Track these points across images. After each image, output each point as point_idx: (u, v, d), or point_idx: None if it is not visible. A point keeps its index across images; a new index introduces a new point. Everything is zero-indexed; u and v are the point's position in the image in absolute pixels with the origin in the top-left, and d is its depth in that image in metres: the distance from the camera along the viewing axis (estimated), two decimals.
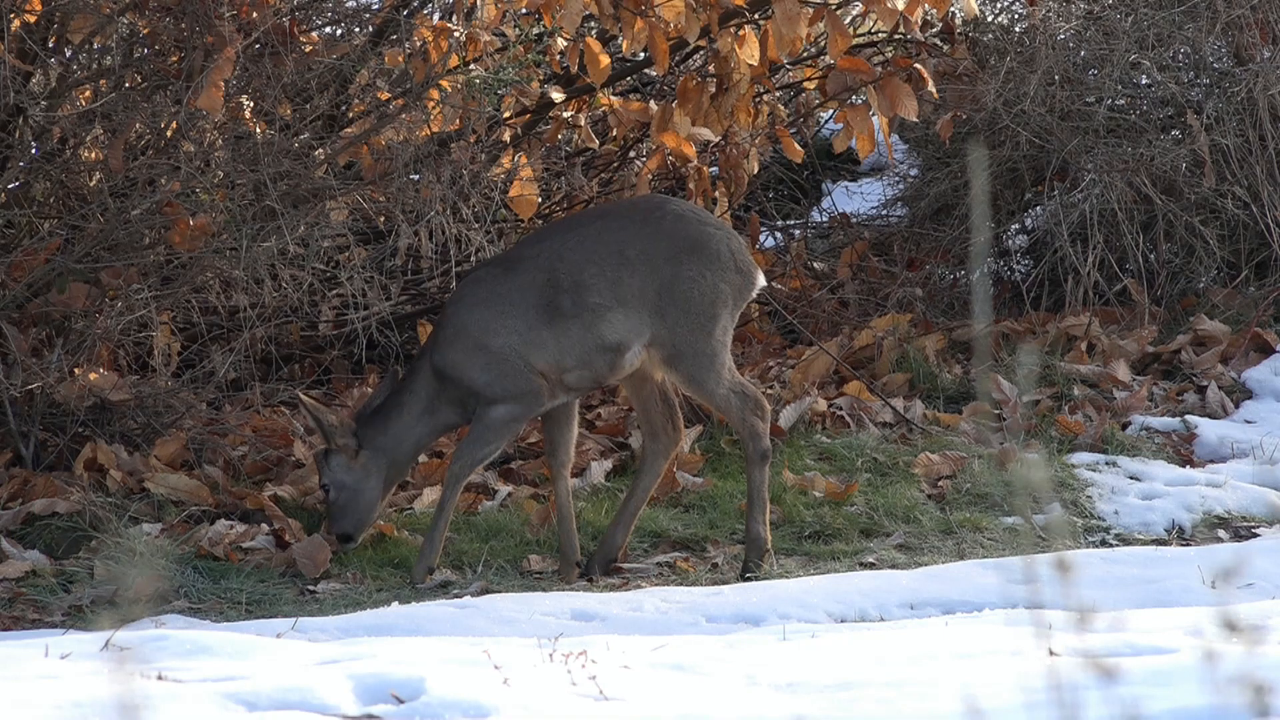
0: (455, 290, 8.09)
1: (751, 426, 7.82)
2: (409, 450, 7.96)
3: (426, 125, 8.75)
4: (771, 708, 4.90)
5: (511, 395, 7.79)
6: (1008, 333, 10.08)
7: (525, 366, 7.77)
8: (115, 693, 4.84)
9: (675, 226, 7.84)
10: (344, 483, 7.91)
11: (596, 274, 7.77)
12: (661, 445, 8.00)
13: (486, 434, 7.82)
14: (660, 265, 7.79)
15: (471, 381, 7.82)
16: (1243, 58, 10.39)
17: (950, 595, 7.34)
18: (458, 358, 7.82)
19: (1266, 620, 5.92)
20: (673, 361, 7.77)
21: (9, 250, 8.44)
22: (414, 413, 7.90)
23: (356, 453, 7.91)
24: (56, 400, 8.42)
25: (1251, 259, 10.38)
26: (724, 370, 7.81)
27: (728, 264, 7.85)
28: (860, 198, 12.07)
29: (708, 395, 7.80)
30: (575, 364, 7.78)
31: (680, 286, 7.76)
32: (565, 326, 7.77)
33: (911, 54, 9.97)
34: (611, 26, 8.89)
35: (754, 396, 7.83)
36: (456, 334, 7.84)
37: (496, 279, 7.85)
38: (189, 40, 8.19)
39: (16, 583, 7.81)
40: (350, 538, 7.95)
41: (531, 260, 7.84)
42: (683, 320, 7.76)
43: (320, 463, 7.96)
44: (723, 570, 8.01)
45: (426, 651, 5.59)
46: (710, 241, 7.84)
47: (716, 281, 7.81)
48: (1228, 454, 9.15)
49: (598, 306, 7.76)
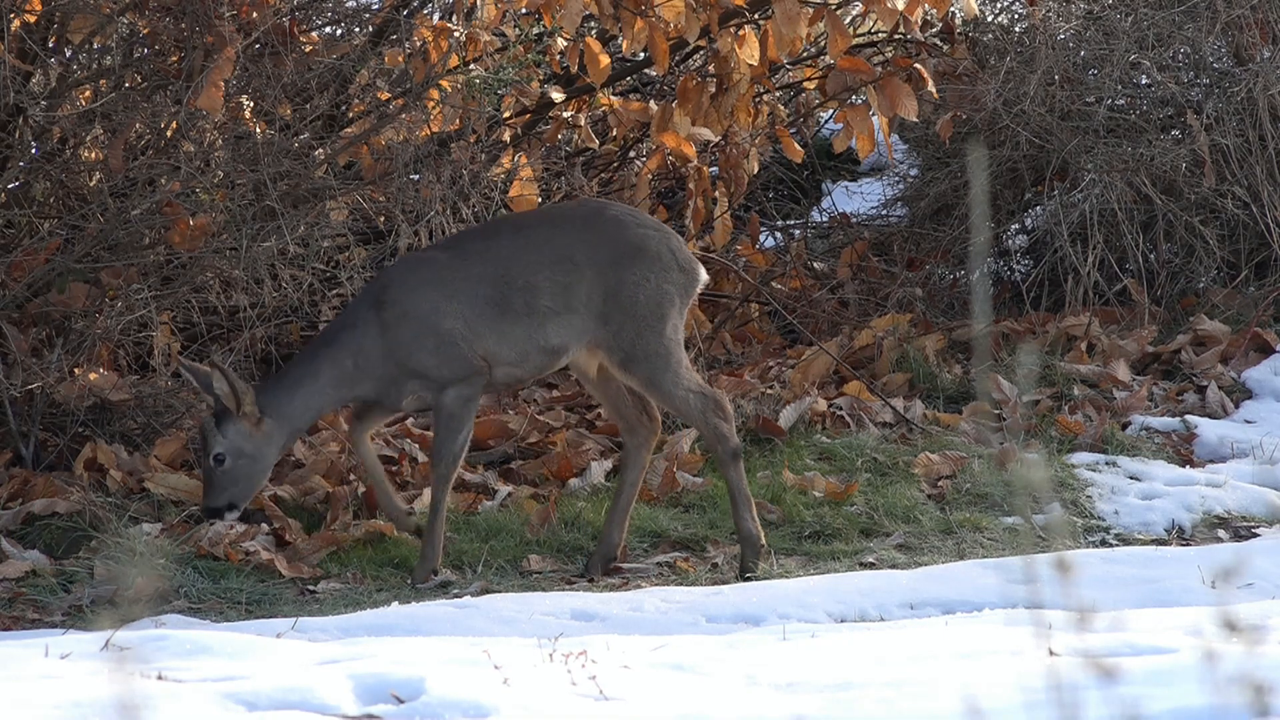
0: (389, 272, 7.92)
1: (715, 428, 7.82)
2: (310, 420, 7.85)
3: (426, 125, 8.75)
4: (771, 708, 4.90)
5: (459, 377, 7.76)
6: (1008, 333, 10.08)
7: (470, 351, 7.76)
8: (115, 693, 4.84)
9: (615, 231, 7.84)
10: (242, 450, 7.70)
11: (548, 278, 7.77)
12: (641, 438, 7.99)
13: (452, 422, 7.79)
14: (605, 271, 7.79)
15: (419, 364, 7.77)
16: (1243, 58, 10.39)
17: (950, 595, 7.34)
18: (405, 340, 7.77)
19: (1266, 620, 5.92)
20: (628, 366, 7.77)
21: (9, 250, 8.44)
22: (329, 381, 7.75)
23: (260, 420, 7.74)
24: (56, 400, 8.42)
25: (1251, 259, 10.38)
26: (681, 370, 7.81)
27: (669, 264, 7.85)
28: (860, 198, 12.07)
29: (666, 397, 7.79)
30: (509, 360, 7.77)
31: (626, 291, 7.77)
32: (512, 324, 7.76)
33: (911, 54, 9.97)
34: (611, 26, 8.89)
35: (714, 397, 7.83)
36: (404, 317, 7.77)
37: (445, 264, 7.80)
38: (189, 40, 8.19)
39: (16, 583, 7.81)
40: (234, 508, 7.74)
41: (484, 254, 7.80)
42: (630, 324, 7.76)
43: (211, 430, 7.70)
44: (723, 570, 8.01)
45: (426, 651, 5.59)
46: (649, 243, 7.84)
47: (660, 283, 7.81)
48: (1228, 454, 9.15)
49: (547, 310, 7.76)
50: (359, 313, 7.84)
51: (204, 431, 7.76)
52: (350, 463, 8.55)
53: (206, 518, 7.82)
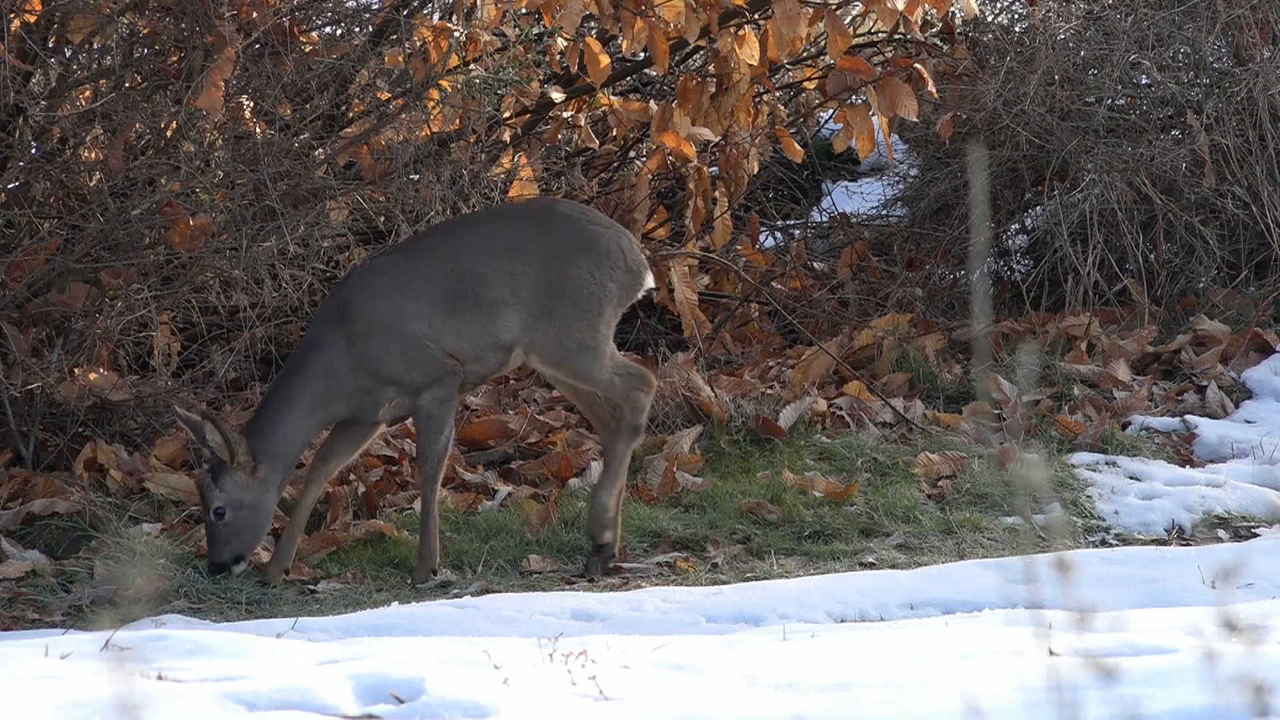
0: (347, 285, 7.85)
1: (634, 400, 7.81)
2: (299, 451, 7.76)
3: (426, 125, 8.75)
4: (771, 708, 4.90)
5: (432, 379, 7.74)
6: (1008, 333, 10.07)
7: (437, 350, 7.74)
8: (115, 693, 4.84)
9: (566, 226, 7.84)
10: (243, 502, 7.60)
11: (496, 269, 7.75)
12: (614, 433, 7.96)
13: (431, 424, 7.77)
14: (552, 263, 7.78)
15: (390, 371, 7.73)
16: (1243, 58, 10.39)
17: (950, 595, 7.34)
18: (374, 349, 7.72)
19: (1266, 620, 5.92)
20: (558, 359, 7.77)
21: (9, 250, 8.44)
22: (305, 408, 7.68)
23: (255, 468, 7.64)
24: (56, 400, 8.42)
25: (1251, 259, 10.37)
26: (606, 359, 7.81)
27: (617, 262, 7.85)
28: (860, 198, 12.07)
29: (593, 383, 7.81)
30: (469, 357, 7.76)
31: (570, 284, 7.77)
32: (467, 319, 7.74)
33: (911, 54, 9.97)
34: (611, 26, 8.89)
35: (639, 373, 7.83)
36: (370, 326, 7.72)
37: (399, 267, 7.78)
38: (189, 40, 8.19)
39: (16, 583, 7.81)
40: (240, 560, 7.65)
41: (434, 251, 7.79)
42: (571, 316, 7.75)
43: (208, 485, 7.58)
44: (723, 570, 8.01)
45: (426, 651, 5.59)
46: (600, 240, 7.84)
47: (604, 280, 7.81)
48: (1228, 454, 9.15)
49: (496, 301, 7.74)
50: (323, 332, 7.76)
51: (201, 487, 7.62)
52: (350, 463, 8.55)
53: (211, 574, 7.66)
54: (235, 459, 7.59)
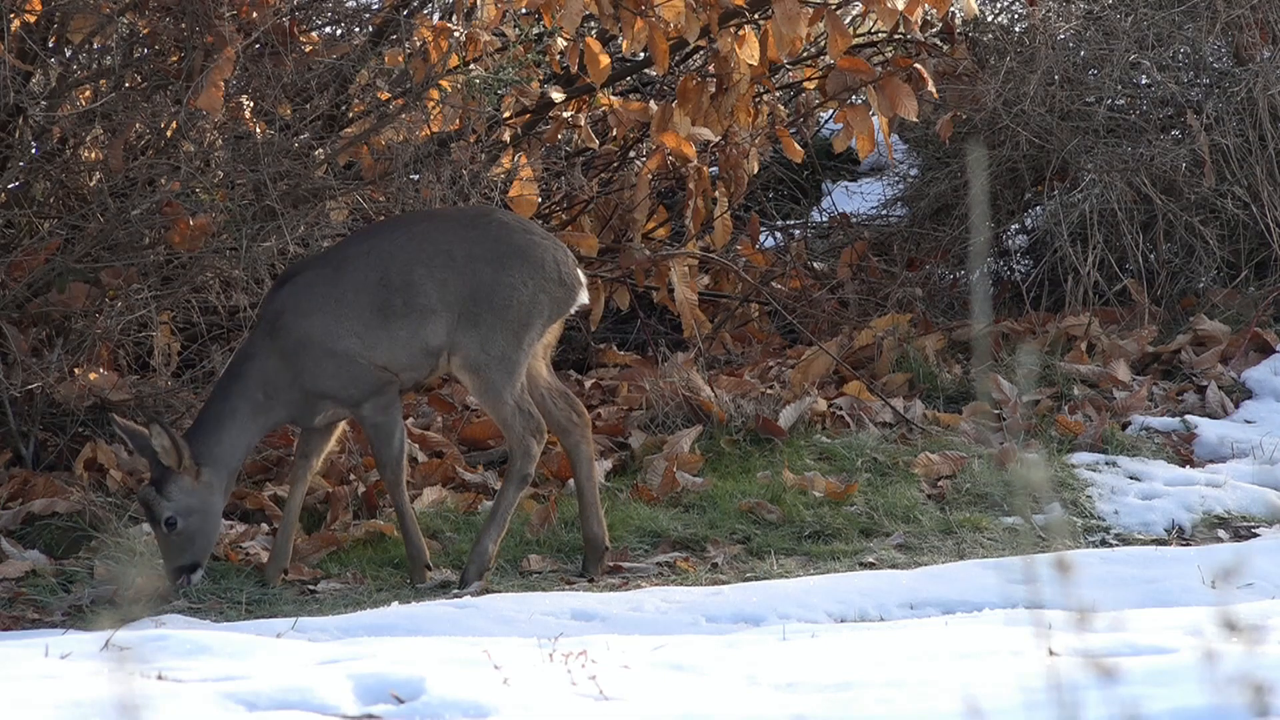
0: (280, 297, 7.77)
1: (526, 447, 7.71)
2: (242, 456, 7.72)
3: (426, 125, 8.75)
4: (771, 708, 4.90)
5: (368, 393, 7.72)
6: (1008, 333, 10.08)
7: (370, 365, 7.69)
8: (115, 693, 4.84)
9: (500, 233, 7.74)
10: (192, 507, 7.54)
11: (425, 275, 7.68)
12: (576, 436, 7.88)
13: (379, 432, 7.73)
14: (482, 269, 7.70)
15: (325, 388, 7.67)
16: (1243, 58, 10.39)
17: (950, 595, 7.34)
18: (308, 367, 7.66)
19: (1266, 620, 5.92)
20: (476, 367, 7.69)
21: (9, 250, 8.44)
22: (246, 414, 7.64)
23: (199, 472, 7.58)
24: (56, 400, 8.42)
25: (1251, 259, 10.38)
26: (517, 384, 7.70)
27: (551, 274, 7.74)
28: (860, 198, 12.07)
29: (497, 405, 7.69)
30: (404, 365, 7.71)
31: (500, 293, 7.69)
32: (397, 327, 7.68)
33: (911, 54, 9.97)
34: (611, 26, 8.89)
35: (537, 419, 7.72)
36: (301, 345, 7.67)
37: (328, 281, 7.70)
38: (189, 40, 8.19)
39: (16, 583, 7.81)
40: (197, 567, 7.59)
41: (360, 259, 7.71)
42: (497, 326, 7.67)
43: (153, 498, 7.53)
44: (723, 570, 8.01)
45: (426, 651, 5.59)
46: (535, 250, 7.74)
47: (536, 291, 7.72)
48: (1228, 454, 9.15)
49: (424, 308, 7.68)
50: (257, 342, 7.74)
51: (146, 502, 7.55)
52: (350, 463, 8.55)
53: (172, 582, 7.59)
54: (182, 462, 7.53)
